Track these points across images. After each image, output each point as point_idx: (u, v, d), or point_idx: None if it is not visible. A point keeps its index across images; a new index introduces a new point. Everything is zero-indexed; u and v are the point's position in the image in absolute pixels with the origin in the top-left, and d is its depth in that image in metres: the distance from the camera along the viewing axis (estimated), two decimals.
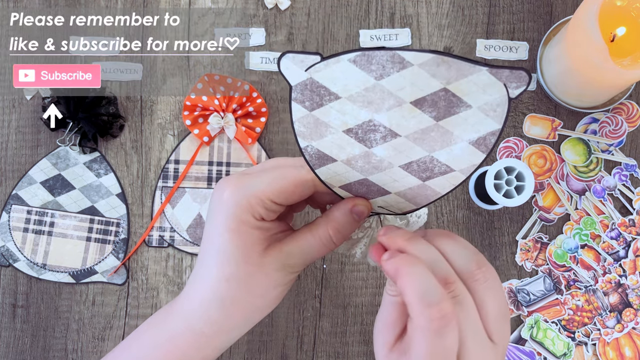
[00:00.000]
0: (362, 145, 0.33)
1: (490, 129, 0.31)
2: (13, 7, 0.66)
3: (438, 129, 0.31)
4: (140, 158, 0.65)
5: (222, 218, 0.36)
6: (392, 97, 0.30)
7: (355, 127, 0.32)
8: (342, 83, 0.31)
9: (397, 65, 0.29)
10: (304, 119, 0.33)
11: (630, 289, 0.61)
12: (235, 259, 0.36)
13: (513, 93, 0.29)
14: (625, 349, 0.61)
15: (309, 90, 0.31)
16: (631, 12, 0.54)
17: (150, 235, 0.64)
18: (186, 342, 0.38)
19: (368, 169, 0.34)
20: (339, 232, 0.37)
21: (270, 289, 0.38)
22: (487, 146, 0.32)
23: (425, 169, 0.34)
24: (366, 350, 0.63)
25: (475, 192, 0.62)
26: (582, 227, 0.62)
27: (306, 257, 0.38)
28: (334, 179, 0.36)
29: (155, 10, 0.66)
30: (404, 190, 0.35)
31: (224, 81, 0.63)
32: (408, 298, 0.31)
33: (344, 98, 0.31)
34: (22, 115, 0.65)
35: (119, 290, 0.64)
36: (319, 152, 0.34)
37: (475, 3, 0.65)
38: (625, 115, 0.63)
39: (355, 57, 0.29)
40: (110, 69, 0.66)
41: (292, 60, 0.31)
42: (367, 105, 0.31)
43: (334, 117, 0.32)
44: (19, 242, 0.64)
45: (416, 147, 0.32)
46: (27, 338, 0.64)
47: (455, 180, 0.34)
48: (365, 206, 0.37)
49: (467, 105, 0.30)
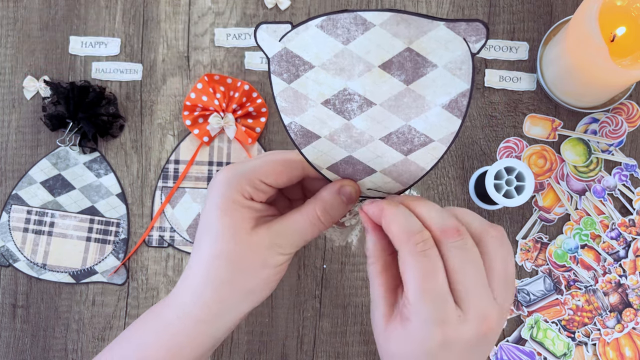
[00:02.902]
0: (341, 118, 0.34)
1: (460, 90, 0.32)
2: (13, 7, 0.66)
3: (410, 93, 0.32)
4: (140, 158, 0.65)
5: (213, 198, 0.37)
6: (361, 62, 0.32)
7: (332, 98, 0.34)
8: (314, 51, 0.32)
9: (361, 27, 0.31)
10: (284, 92, 0.34)
11: (630, 289, 0.61)
12: (224, 237, 0.37)
13: (474, 48, 0.30)
14: (626, 349, 0.61)
15: (285, 61, 0.33)
16: (631, 12, 0.54)
17: (150, 235, 0.64)
18: (179, 329, 0.38)
19: (351, 143, 0.35)
20: (327, 211, 0.38)
21: (259, 268, 0.37)
22: (460, 110, 0.33)
23: (405, 140, 0.35)
24: (366, 350, 0.63)
25: (475, 192, 0.62)
26: (582, 227, 0.62)
27: (295, 236, 0.38)
28: (321, 159, 0.37)
29: (155, 10, 0.66)
30: (389, 168, 0.36)
31: (224, 81, 0.63)
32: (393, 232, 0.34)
33: (318, 67, 0.33)
34: (22, 115, 0.65)
35: (119, 291, 0.64)
36: (302, 128, 0.35)
37: (475, 3, 0.65)
38: (625, 115, 0.63)
39: (322, 22, 0.31)
40: (110, 69, 0.66)
41: (266, 31, 0.32)
42: (339, 73, 0.32)
43: (311, 88, 0.33)
44: (19, 242, 0.64)
45: (393, 116, 0.34)
46: (27, 338, 0.64)
47: (436, 152, 0.35)
48: (352, 187, 0.38)
49: (432, 65, 0.31)
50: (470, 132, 0.64)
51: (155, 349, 0.39)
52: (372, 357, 0.62)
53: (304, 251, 0.63)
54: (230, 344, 0.63)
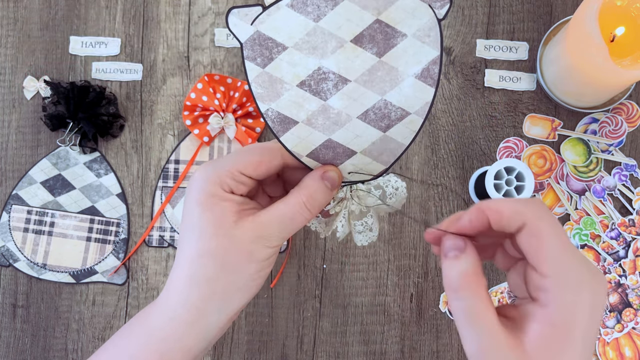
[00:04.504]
0: (317, 99, 0.34)
1: (431, 57, 0.33)
2: (13, 7, 0.66)
3: (383, 66, 0.33)
4: (140, 158, 0.65)
5: (193, 194, 0.36)
6: (333, 38, 0.32)
7: (307, 78, 0.34)
8: (286, 31, 0.32)
9: (330, 3, 0.31)
10: (258, 78, 0.34)
11: (630, 289, 0.61)
12: (207, 234, 0.36)
13: (440, 13, 0.32)
14: (625, 349, 0.61)
15: (258, 45, 0.33)
16: (631, 12, 0.54)
17: (150, 235, 0.64)
18: (168, 334, 0.37)
19: (329, 125, 0.35)
20: (312, 197, 0.37)
21: (245, 263, 0.36)
22: (433, 78, 0.33)
23: (382, 116, 0.35)
24: (366, 350, 0.63)
25: (475, 192, 0.62)
26: (582, 227, 0.62)
27: (281, 227, 0.37)
28: (300, 146, 0.36)
29: (155, 10, 0.66)
30: (369, 147, 0.36)
31: (224, 81, 0.63)
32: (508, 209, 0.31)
33: (291, 47, 0.33)
34: (22, 115, 0.65)
35: (119, 290, 0.64)
36: (279, 114, 0.35)
37: (475, 3, 0.65)
38: (625, 115, 0.63)
39: (292, 1, 0.32)
40: (110, 69, 0.66)
41: (237, 16, 0.32)
42: (312, 52, 0.33)
43: (285, 70, 0.33)
44: (19, 242, 0.64)
45: (368, 92, 0.34)
46: (27, 338, 0.64)
47: (413, 125, 0.35)
48: (335, 172, 0.37)
49: (402, 35, 0.32)
50: (470, 132, 0.64)
51: (145, 356, 0.37)
52: (372, 357, 0.63)
53: (304, 251, 0.63)
54: (230, 343, 0.63)
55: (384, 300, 0.63)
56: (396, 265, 0.63)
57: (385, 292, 0.63)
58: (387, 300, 0.63)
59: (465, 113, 0.64)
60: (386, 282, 0.63)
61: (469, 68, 0.64)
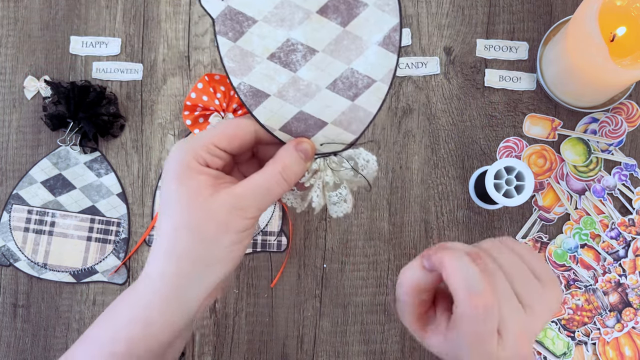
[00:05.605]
0: (287, 71, 0.36)
1: (391, 25, 0.35)
2: (14, 7, 0.66)
3: (347, 35, 0.35)
4: (140, 158, 0.65)
5: (169, 167, 0.37)
6: (300, 10, 0.34)
7: (277, 51, 0.35)
8: (256, 5, 0.34)
9: None
10: (230, 52, 0.36)
11: (630, 289, 0.61)
12: (182, 206, 0.36)
13: None
14: (625, 348, 0.61)
15: (229, 19, 0.35)
16: (631, 12, 0.54)
17: (150, 234, 0.64)
18: (149, 307, 0.37)
19: (300, 97, 0.37)
20: (288, 167, 0.37)
21: (221, 234, 0.36)
22: (394, 45, 0.36)
23: (350, 85, 0.37)
24: (366, 350, 0.63)
25: (475, 191, 0.62)
26: (582, 227, 0.62)
27: (258, 197, 0.37)
28: (273, 119, 0.38)
29: (155, 10, 0.66)
30: (339, 117, 0.38)
31: (224, 81, 0.63)
32: (454, 287, 0.35)
33: (260, 21, 0.35)
34: (22, 115, 0.65)
35: (119, 290, 0.64)
36: (251, 88, 0.37)
37: (475, 3, 0.65)
38: (625, 115, 0.63)
39: None
40: (111, 68, 0.66)
41: None
42: (281, 24, 0.35)
43: (256, 43, 0.35)
44: (20, 242, 0.64)
45: (335, 61, 0.36)
46: (27, 338, 0.64)
47: (380, 92, 0.37)
48: (308, 143, 0.38)
49: (364, 4, 0.34)
50: (470, 131, 0.64)
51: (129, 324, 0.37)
52: (372, 356, 0.63)
53: (304, 251, 0.64)
54: (230, 343, 0.63)
55: (384, 299, 0.63)
56: (396, 265, 0.63)
57: (385, 292, 0.63)
58: (388, 299, 0.63)
59: (465, 113, 0.64)
60: (386, 282, 0.63)
61: (469, 68, 0.64)
